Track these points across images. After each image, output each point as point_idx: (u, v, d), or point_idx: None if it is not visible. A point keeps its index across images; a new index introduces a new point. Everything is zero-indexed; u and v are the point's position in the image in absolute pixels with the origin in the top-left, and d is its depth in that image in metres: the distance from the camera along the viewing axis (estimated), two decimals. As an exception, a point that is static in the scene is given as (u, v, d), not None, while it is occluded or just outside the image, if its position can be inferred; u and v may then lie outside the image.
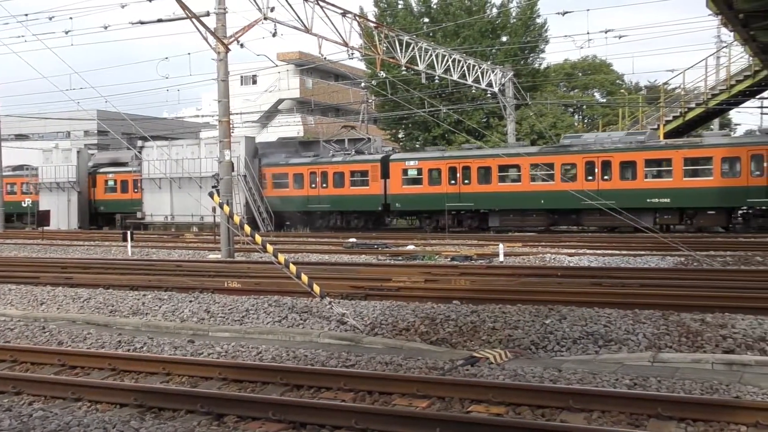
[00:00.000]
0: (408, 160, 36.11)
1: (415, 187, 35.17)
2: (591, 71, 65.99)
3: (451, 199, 33.85)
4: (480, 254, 21.55)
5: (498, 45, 51.60)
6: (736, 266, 17.39)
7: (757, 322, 9.88)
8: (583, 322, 10.28)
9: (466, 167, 33.84)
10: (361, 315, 11.62)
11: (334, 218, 38.05)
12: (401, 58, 31.10)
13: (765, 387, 7.30)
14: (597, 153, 31.19)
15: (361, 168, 36.84)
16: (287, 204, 38.46)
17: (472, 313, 11.12)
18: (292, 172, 38.60)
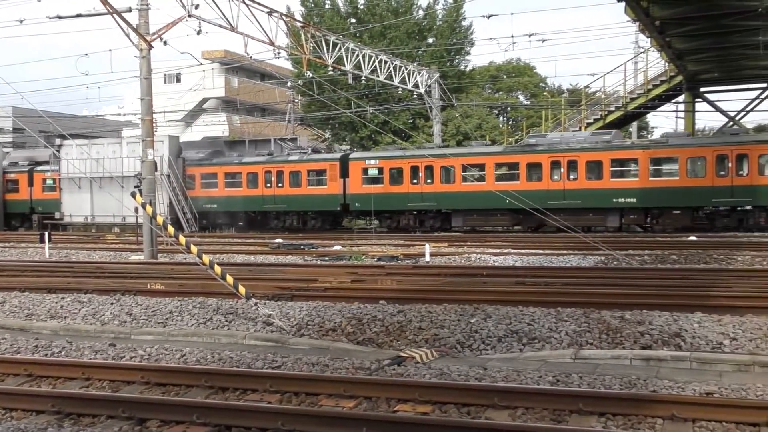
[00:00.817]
0: (368, 159, 35.69)
1: (375, 186, 34.72)
2: (515, 74, 67.13)
3: (413, 198, 33.66)
4: (406, 254, 21.67)
5: (424, 46, 52.04)
6: (653, 265, 17.92)
7: (673, 318, 10.21)
8: (507, 320, 10.44)
9: (428, 166, 33.55)
10: (288, 316, 11.54)
11: (290, 219, 37.36)
12: (328, 58, 31.07)
13: (680, 381, 7.54)
14: (563, 152, 31.30)
15: (318, 167, 36.21)
16: (240, 204, 37.65)
17: (398, 312, 11.17)
18: (245, 171, 37.66)
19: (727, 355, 8.45)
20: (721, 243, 23.15)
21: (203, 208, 38.35)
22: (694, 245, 22.61)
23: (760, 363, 8.02)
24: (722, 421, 6.21)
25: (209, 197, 38.22)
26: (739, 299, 11.47)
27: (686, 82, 36.81)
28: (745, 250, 20.47)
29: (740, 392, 7.10)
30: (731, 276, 14.67)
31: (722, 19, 24.93)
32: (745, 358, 8.20)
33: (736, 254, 19.47)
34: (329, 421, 6.31)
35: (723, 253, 19.85)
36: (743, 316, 10.34)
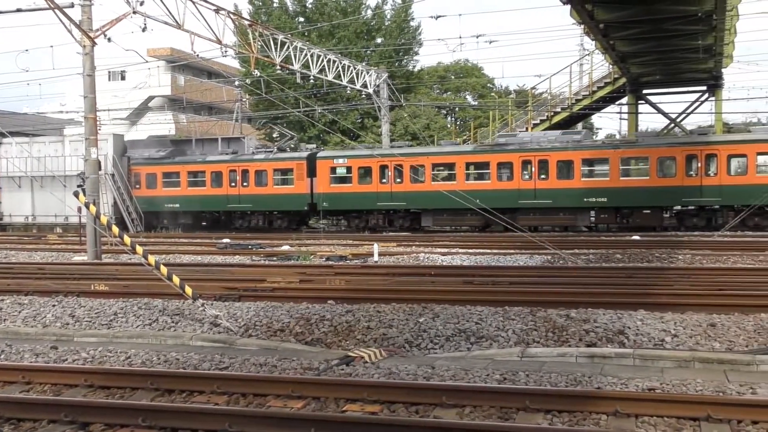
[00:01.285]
0: (337, 157, 35.15)
1: (344, 186, 34.34)
2: (463, 74, 67.65)
3: (382, 198, 33.36)
4: (355, 254, 21.68)
5: (373, 46, 52.11)
6: (598, 264, 18.22)
7: (617, 316, 10.40)
8: (455, 320, 10.51)
9: (398, 165, 33.30)
10: (235, 316, 11.45)
11: (255, 218, 36.75)
12: (276, 57, 30.88)
13: (623, 377, 7.68)
14: (534, 152, 31.29)
15: (285, 166, 35.66)
16: (203, 204, 37.03)
17: (347, 312, 11.16)
18: (210, 169, 36.94)
19: (668, 352, 8.64)
20: (662, 242, 23.65)
21: (165, 207, 37.56)
22: (637, 244, 23.06)
23: (699, 359, 8.21)
24: (664, 416, 6.35)
25: (171, 196, 37.46)
26: (679, 297, 11.74)
27: (629, 84, 37.56)
28: (685, 249, 20.95)
29: (681, 387, 7.26)
30: (672, 274, 15.01)
31: (664, 23, 25.47)
32: (686, 354, 8.39)
33: (677, 253, 19.92)
34: (277, 422, 6.27)
35: (665, 252, 20.29)
36: (684, 313, 10.59)
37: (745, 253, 19.58)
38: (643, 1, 23.42)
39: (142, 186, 38.21)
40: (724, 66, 36.61)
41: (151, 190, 38.04)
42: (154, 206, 37.80)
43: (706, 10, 24.34)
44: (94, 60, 22.31)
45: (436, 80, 65.39)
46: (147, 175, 38.33)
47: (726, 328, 9.73)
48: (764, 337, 9.38)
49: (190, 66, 60.27)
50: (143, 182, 38.27)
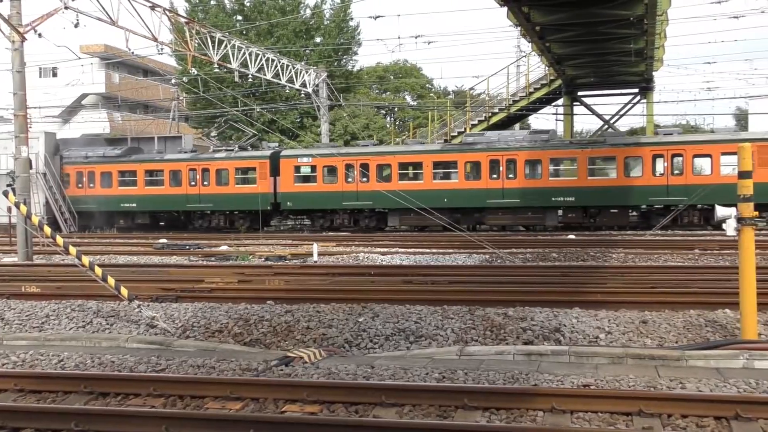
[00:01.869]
0: (301, 156, 34.59)
1: (308, 185, 33.85)
2: (402, 75, 67.94)
3: (348, 197, 32.93)
4: (294, 254, 21.58)
5: (312, 46, 51.93)
6: (534, 263, 18.48)
7: (553, 314, 10.57)
8: (395, 319, 10.54)
9: (364, 164, 32.93)
10: (172, 318, 11.28)
11: (216, 218, 35.96)
12: (213, 56, 30.55)
13: (559, 374, 7.81)
14: (502, 151, 31.24)
15: (247, 165, 34.95)
16: (162, 203, 36.14)
17: (286, 312, 11.10)
18: (168, 168, 36.09)
19: (602, 348, 8.81)
20: (597, 241, 24.13)
21: (120, 207, 36.69)
22: (573, 243, 23.49)
23: (632, 355, 8.40)
24: (598, 411, 6.48)
25: (127, 196, 36.55)
26: (613, 294, 11.98)
27: (565, 86, 38.27)
28: (619, 248, 21.41)
29: (614, 383, 7.42)
30: (606, 272, 15.33)
31: (598, 26, 26.02)
32: (619, 350, 8.57)
33: (611, 252, 20.35)
34: (215, 423, 6.21)
35: (599, 250, 20.70)
36: (617, 310, 10.82)
37: (675, 251, 20.10)
38: (578, 5, 23.89)
39: (97, 185, 37.06)
40: (655, 69, 37.62)
41: (105, 189, 36.95)
42: (108, 206, 36.78)
43: (638, 15, 24.95)
44: (24, 56, 21.72)
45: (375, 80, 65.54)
46: (101, 174, 37.18)
47: (657, 324, 9.98)
48: (693, 333, 9.66)
49: (125, 63, 59.20)
50: (97, 181, 37.15)
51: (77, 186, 37.50)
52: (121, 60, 52.32)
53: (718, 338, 9.32)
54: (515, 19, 27.14)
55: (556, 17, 25.50)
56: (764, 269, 13.83)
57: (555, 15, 25.32)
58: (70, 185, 37.56)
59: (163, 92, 57.40)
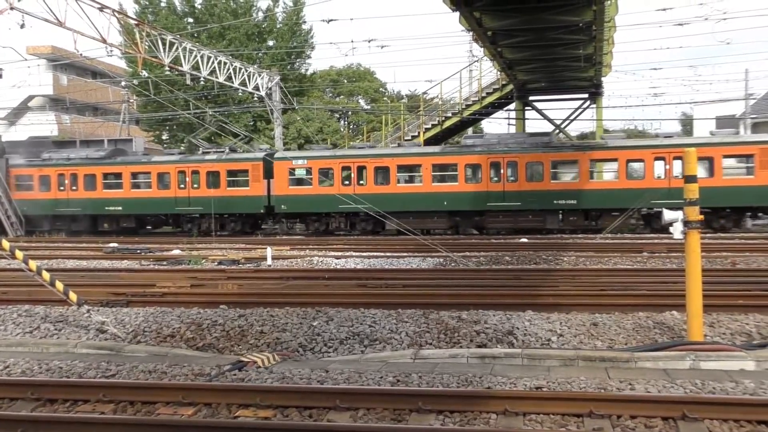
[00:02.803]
0: (296, 158, 33.97)
1: (303, 188, 33.20)
2: (355, 78, 67.97)
3: (344, 200, 32.16)
4: (248, 258, 21.41)
5: (265, 49, 51.65)
6: (488, 266, 18.61)
7: (506, 317, 10.66)
8: (349, 323, 10.53)
9: (361, 167, 32.53)
10: (123, 323, 11.10)
11: (207, 221, 34.91)
12: (164, 58, 30.19)
13: (512, 377, 7.88)
14: (503, 154, 30.94)
15: (240, 167, 34.15)
16: (149, 206, 35.24)
17: (239, 317, 11.01)
18: (156, 170, 35.21)
19: (554, 351, 8.91)
20: (549, 244, 24.40)
21: (105, 210, 35.85)
22: (525, 247, 23.71)
23: (583, 357, 8.51)
24: (550, 413, 6.55)
25: (112, 199, 35.66)
26: (565, 297, 12.14)
27: (516, 90, 38.73)
28: (570, 251, 21.67)
29: (566, 385, 7.51)
30: (558, 275, 15.50)
31: (548, 32, 26.38)
32: (570, 353, 8.68)
33: (562, 255, 20.59)
34: (167, 429, 6.13)
35: (551, 254, 20.94)
36: (569, 313, 10.95)
37: (624, 254, 20.41)
38: (529, 11, 24.19)
39: (80, 188, 36.23)
40: (604, 75, 38.32)
41: (89, 192, 36.08)
42: (92, 209, 35.95)
43: (586, 21, 25.37)
44: (-31, 56, 21.23)
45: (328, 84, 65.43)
46: (85, 177, 36.28)
47: (607, 327, 10.13)
48: (642, 335, 9.82)
49: (74, 65, 58.13)
50: (80, 184, 36.25)
51: (58, 188, 36.42)
52: (70, 62, 51.33)
53: (666, 340, 9.50)
54: (467, 24, 27.39)
55: (508, 22, 25.80)
56: (710, 272, 14.15)
57: (506, 20, 25.61)
58: (37, 188, 36.55)
59: (113, 95, 56.53)
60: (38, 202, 36.61)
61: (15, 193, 36.86)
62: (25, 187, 37.14)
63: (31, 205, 36.67)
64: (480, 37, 28.98)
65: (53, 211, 36.54)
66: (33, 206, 36.61)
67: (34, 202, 36.62)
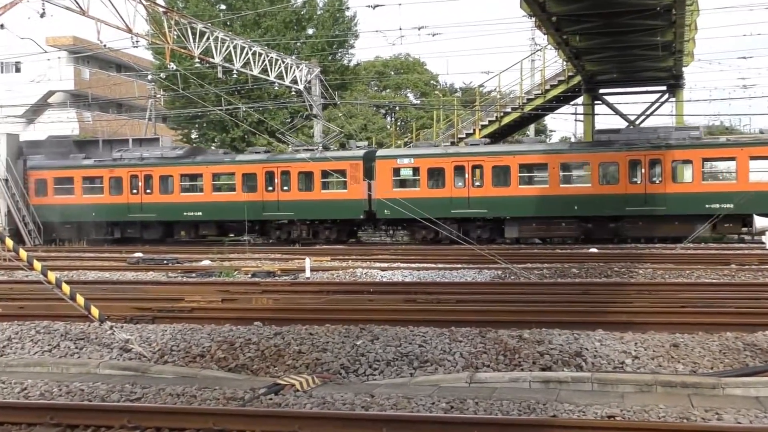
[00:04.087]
0: (401, 157, 33.60)
1: (410, 190, 32.84)
2: (403, 70, 68.12)
3: (457, 204, 31.91)
4: (284, 269, 21.56)
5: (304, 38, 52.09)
6: (552, 279, 18.47)
7: (573, 336, 10.55)
8: (397, 342, 10.52)
9: (477, 166, 32.00)
10: (149, 341, 11.25)
11: (298, 228, 34.65)
12: (194, 49, 30.58)
13: (581, 404, 7.79)
14: (645, 151, 30.14)
15: (336, 167, 33.41)
16: (234, 211, 34.59)
17: (275, 335, 11.08)
18: (241, 171, 35.07)
19: (629, 375, 8.79)
20: (622, 255, 24.12)
21: (183, 216, 35.75)
22: (595, 257, 23.47)
23: (662, 382, 8.38)
24: (625, 445, 6.46)
25: (191, 203, 35.58)
26: (640, 315, 11.98)
27: (584, 82, 38.39)
28: (646, 263, 21.40)
29: (643, 414, 7.40)
30: (633, 290, 15.30)
31: (620, 17, 26.10)
32: (647, 377, 8.55)
33: (637, 267, 20.33)
34: (197, 459, 6.18)
35: (624, 265, 20.68)
36: (645, 332, 10.80)
37: (708, 267, 20.08)
38: (599, -7, 24.00)
39: (155, 191, 36.24)
40: (685, 64, 37.77)
41: (164, 196, 36.02)
42: (167, 215, 35.96)
43: (665, 4, 25.04)
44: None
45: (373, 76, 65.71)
46: (160, 178, 36.27)
47: (690, 348, 9.96)
48: (730, 357, 9.64)
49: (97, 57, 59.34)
50: (155, 187, 36.22)
51: (132, 192, 36.45)
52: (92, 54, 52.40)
53: (759, 364, 9.30)
54: (529, 9, 27.27)
55: (575, 6, 25.61)
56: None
57: (573, 4, 25.43)
58: (106, 191, 36.73)
59: (139, 89, 57.54)
60: (94, 208, 36.40)
61: (54, 197, 37.18)
62: (64, 191, 37.27)
63: (79, 211, 36.46)
64: (543, 24, 28.82)
65: (125, 216, 36.37)
66: (79, 212, 36.44)
67: (80, 208, 36.44)
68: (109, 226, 36.97)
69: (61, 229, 36.88)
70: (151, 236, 36.51)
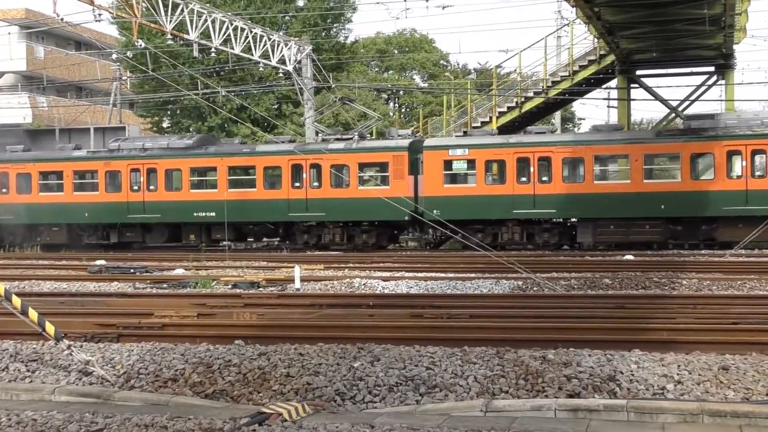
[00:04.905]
0: (453, 147, 33.11)
1: (464, 186, 32.55)
2: (409, 48, 68.14)
3: (521, 203, 31.37)
4: (270, 279, 21.62)
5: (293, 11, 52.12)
6: (581, 291, 18.46)
7: (606, 358, 10.53)
8: (400, 364, 10.52)
9: (544, 158, 31.66)
10: (112, 362, 11.26)
11: (329, 232, 34.21)
12: (166, 24, 30.60)
13: (616, 436, 7.79)
14: (747, 139, 29.90)
15: (376, 159, 33.42)
16: (251, 212, 34.40)
17: (260, 356, 11.08)
18: (262, 164, 34.70)
19: (670, 403, 8.78)
20: (662, 263, 24.12)
21: (193, 217, 35.21)
22: (631, 265, 23.46)
23: (709, 411, 8.36)
24: (666, 484, 6.45)
25: (203, 202, 34.95)
26: (684, 332, 11.95)
27: (619, 62, 38.39)
28: (690, 272, 21.39)
29: (687, 448, 7.39)
30: (675, 304, 15.29)
31: (662, -14, 26.10)
32: (692, 405, 8.54)
33: (680, 277, 20.32)
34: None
35: (665, 275, 20.68)
36: (689, 353, 10.78)
37: (763, 276, 20.07)
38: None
39: (160, 187, 35.91)
40: (736, 41, 37.71)
41: (172, 193, 35.73)
42: (176, 216, 35.56)
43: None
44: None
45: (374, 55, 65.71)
46: (166, 172, 35.93)
47: (742, 372, 9.95)
48: (789, 382, 9.63)
49: (53, 33, 59.47)
50: (160, 182, 35.89)
51: (132, 189, 36.13)
52: (48, 29, 52.50)
53: (821, 389, 9.30)
54: (555, -23, 27.20)
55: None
56: None
57: (606, -28, 25.42)
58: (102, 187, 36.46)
59: (102, 71, 57.61)
60: (87, 208, 36.21)
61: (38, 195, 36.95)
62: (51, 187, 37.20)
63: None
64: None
65: (124, 218, 36.07)
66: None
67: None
68: (104, 229, 36.79)
69: (25, 232, 36.81)
70: (155, 241, 36.34)
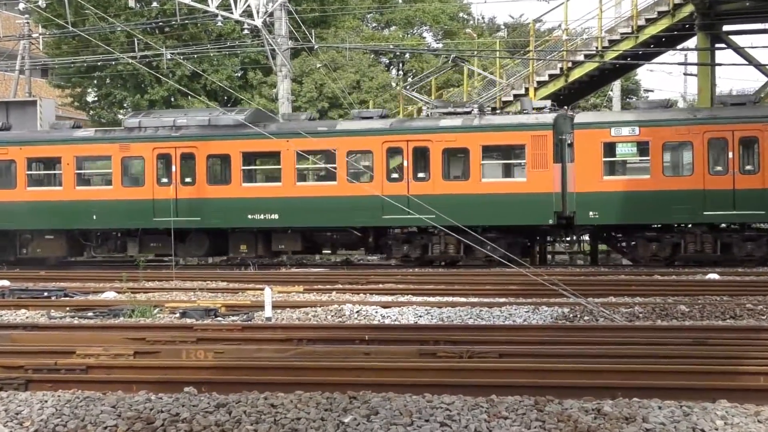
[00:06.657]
0: (616, 124, 32.02)
1: (633, 178, 31.77)
2: (417, -2, 68.11)
3: (714, 200, 30.02)
4: (231, 306, 21.57)
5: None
6: (649, 320, 18.44)
7: (682, 411, 10.53)
8: (406, 419, 10.52)
9: (748, 138, 30.73)
10: (19, 417, 11.25)
11: (440, 242, 32.80)
12: (93, -37, 30.65)
13: None
14: None
15: (507, 140, 32.72)
16: (328, 215, 33.33)
17: (218, 408, 11.09)
18: (345, 147, 33.76)
19: (769, 472, 8.80)
20: (756, 284, 24.07)
21: (247, 221, 34.12)
22: (715, 288, 23.40)
23: (821, 483, 8.38)
24: None
25: (260, 200, 34.13)
26: (788, 377, 11.97)
27: (700, 15, 38.30)
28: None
29: None
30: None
31: None
32: (800, 475, 8.56)
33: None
34: None
35: (761, 300, 20.65)
36: (795, 405, 10.80)
37: None
38: None
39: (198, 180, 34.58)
40: None
41: (216, 187, 34.59)
42: (225, 219, 34.33)
43: None
44: None
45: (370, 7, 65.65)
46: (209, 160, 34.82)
47: None
48: None
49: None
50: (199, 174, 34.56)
51: (160, 182, 35.08)
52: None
53: None
54: None
55: None
56: None
57: None
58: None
59: (4, 26, 57.70)
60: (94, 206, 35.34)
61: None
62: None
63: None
64: None
65: (149, 222, 34.78)
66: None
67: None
68: (119, 237, 36.09)
69: (4, 242, 36.70)
70: (191, 252, 35.71)
